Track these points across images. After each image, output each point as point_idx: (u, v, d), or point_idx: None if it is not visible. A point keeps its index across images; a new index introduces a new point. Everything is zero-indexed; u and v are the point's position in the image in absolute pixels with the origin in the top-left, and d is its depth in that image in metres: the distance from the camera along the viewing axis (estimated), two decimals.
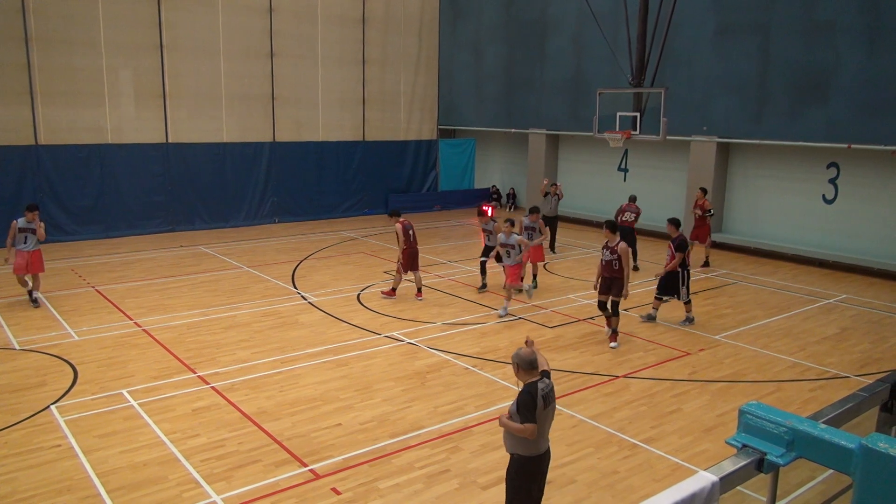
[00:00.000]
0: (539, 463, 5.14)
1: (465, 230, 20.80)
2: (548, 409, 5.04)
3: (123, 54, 17.98)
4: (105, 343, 10.16)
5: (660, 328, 11.32)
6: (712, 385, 9.01)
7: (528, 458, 5.06)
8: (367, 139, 22.93)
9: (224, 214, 20.16)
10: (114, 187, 18.21)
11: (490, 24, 24.58)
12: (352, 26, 22.04)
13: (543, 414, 4.99)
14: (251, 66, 20.12)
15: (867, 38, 14.89)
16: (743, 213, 18.31)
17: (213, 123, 19.69)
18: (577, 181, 22.58)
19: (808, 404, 8.44)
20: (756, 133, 17.10)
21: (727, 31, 17.46)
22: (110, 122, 18.07)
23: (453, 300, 12.81)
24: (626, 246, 10.30)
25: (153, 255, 16.35)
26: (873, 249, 15.69)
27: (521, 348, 5.16)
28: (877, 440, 2.19)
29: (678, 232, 11.46)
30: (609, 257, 10.30)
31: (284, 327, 11.05)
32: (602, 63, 19.85)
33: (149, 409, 7.94)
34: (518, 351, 5.12)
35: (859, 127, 15.11)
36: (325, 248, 17.55)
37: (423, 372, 9.22)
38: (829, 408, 3.01)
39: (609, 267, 10.30)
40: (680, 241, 11.26)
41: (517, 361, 5.08)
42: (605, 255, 10.37)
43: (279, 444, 7.18)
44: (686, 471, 6.78)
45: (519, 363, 5.06)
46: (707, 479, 2.34)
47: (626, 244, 10.32)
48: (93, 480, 6.43)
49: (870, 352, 10.45)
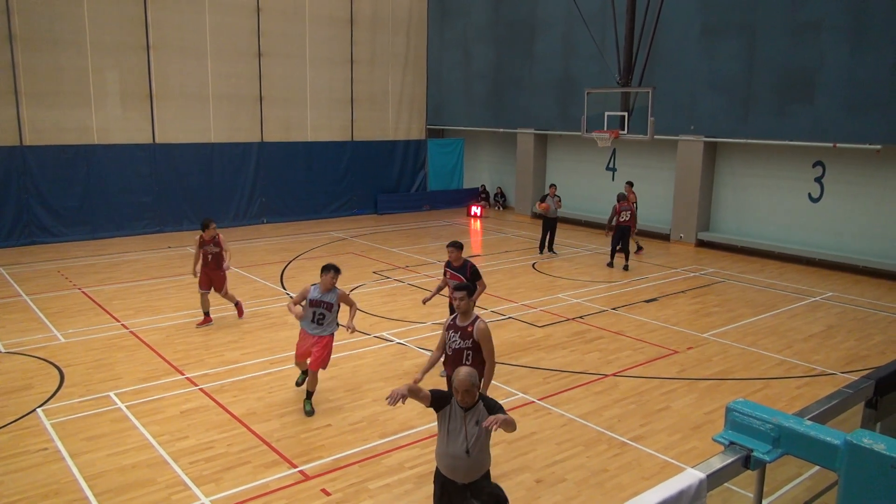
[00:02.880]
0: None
1: (454, 230, 20.81)
2: None
3: (109, 54, 17.86)
4: (92, 345, 10.09)
5: (648, 326, 11.38)
6: (700, 383, 9.07)
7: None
8: (356, 139, 22.89)
9: (212, 215, 19.81)
10: (100, 188, 18.08)
11: (478, 24, 24.60)
12: (340, 26, 22.00)
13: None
14: (239, 66, 20.04)
15: (851, 38, 15.02)
16: (730, 211, 18.43)
17: (201, 123, 19.60)
18: (565, 181, 22.63)
19: (796, 401, 8.51)
20: (742, 132, 17.22)
21: (713, 31, 17.56)
22: (96, 123, 17.94)
23: (442, 300, 12.78)
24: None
25: (140, 256, 16.25)
26: (858, 247, 15.84)
27: (461, 368, 4.88)
28: (861, 436, 2.21)
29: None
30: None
31: (273, 328, 11.01)
32: (590, 63, 19.92)
33: (137, 412, 7.89)
34: (468, 372, 4.83)
35: (844, 126, 15.25)
36: (314, 248, 17.50)
37: (413, 372, 9.21)
38: (815, 405, 3.04)
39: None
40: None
41: (478, 380, 4.87)
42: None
43: (268, 446, 7.15)
44: (675, 468, 6.82)
45: (478, 382, 4.89)
46: (694, 477, 2.35)
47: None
48: (80, 484, 6.38)
49: (855, 349, 10.54)
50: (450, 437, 4.85)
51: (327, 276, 7.75)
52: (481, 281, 8.71)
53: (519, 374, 9.24)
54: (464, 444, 4.79)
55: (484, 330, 6.35)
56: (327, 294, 7.82)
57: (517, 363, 9.63)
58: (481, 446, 4.85)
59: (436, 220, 22.44)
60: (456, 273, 8.84)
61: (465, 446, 4.78)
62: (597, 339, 10.68)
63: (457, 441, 4.81)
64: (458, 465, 4.82)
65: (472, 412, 4.83)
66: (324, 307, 7.80)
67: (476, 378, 4.83)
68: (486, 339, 6.34)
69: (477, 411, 4.83)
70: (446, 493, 4.95)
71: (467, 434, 4.80)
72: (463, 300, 6.38)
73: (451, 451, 4.83)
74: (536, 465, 6.84)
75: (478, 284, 8.53)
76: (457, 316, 6.48)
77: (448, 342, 6.43)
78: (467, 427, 4.80)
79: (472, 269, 8.80)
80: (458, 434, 4.82)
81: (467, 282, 8.19)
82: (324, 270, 7.82)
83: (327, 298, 7.81)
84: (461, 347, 6.36)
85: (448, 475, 4.89)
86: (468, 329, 6.36)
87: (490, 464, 5.03)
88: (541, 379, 9.06)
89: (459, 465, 4.82)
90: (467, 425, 4.81)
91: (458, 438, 4.81)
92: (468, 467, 4.83)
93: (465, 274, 8.73)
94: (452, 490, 4.90)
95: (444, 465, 4.91)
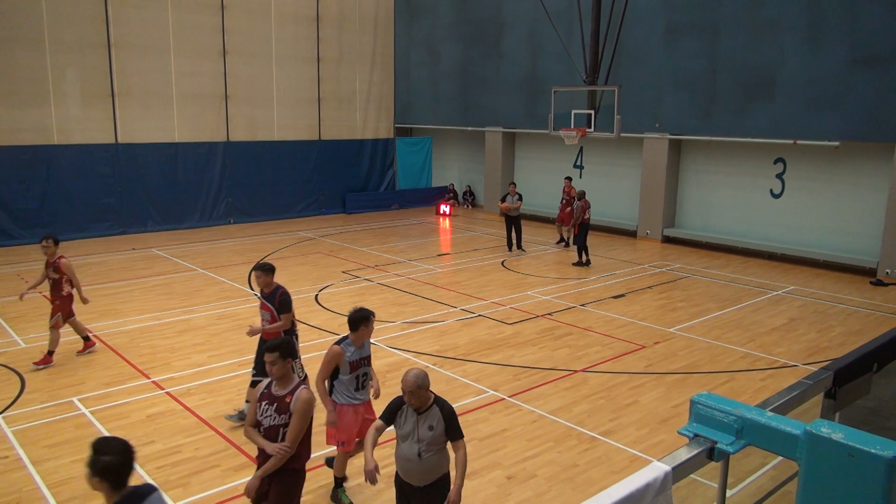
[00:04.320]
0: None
1: (423, 228, 20.80)
2: None
3: (69, 52, 17.46)
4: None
5: (616, 322, 11.51)
6: (668, 377, 9.20)
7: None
8: (324, 138, 22.74)
9: (177, 216, 19.76)
10: (60, 189, 17.68)
11: (446, 23, 24.61)
12: (306, 24, 21.82)
13: None
14: (203, 65, 19.75)
15: (809, 37, 15.37)
16: (695, 208, 18.73)
17: (165, 123, 19.28)
18: (534, 179, 22.78)
19: (760, 393, 8.68)
20: (706, 129, 17.51)
21: (677, 30, 17.82)
22: (56, 123, 17.54)
23: (412, 299, 12.80)
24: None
25: (103, 258, 15.93)
26: (818, 242, 16.22)
27: (411, 369, 4.77)
28: (820, 426, 2.26)
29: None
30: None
31: (241, 330, 10.87)
32: (557, 61, 20.07)
33: (101, 417, 7.74)
34: (415, 374, 4.71)
35: (804, 123, 15.60)
36: (282, 248, 17.34)
37: (383, 371, 9.19)
38: (776, 396, 3.11)
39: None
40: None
41: (426, 383, 4.72)
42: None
43: (238, 449, 7.07)
44: (643, 461, 6.91)
45: (427, 384, 4.74)
46: (660, 469, 2.39)
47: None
48: (43, 492, 6.24)
49: (816, 341, 10.80)
50: (403, 440, 4.81)
51: (366, 329, 5.94)
52: (287, 315, 7.27)
53: (489, 371, 9.28)
54: (416, 446, 4.73)
55: (306, 401, 4.79)
56: (366, 345, 6.11)
57: (487, 361, 9.66)
58: (436, 449, 4.78)
59: (405, 219, 22.40)
60: (266, 302, 7.37)
61: (418, 449, 4.72)
62: (566, 336, 10.77)
63: (409, 444, 4.76)
64: (412, 467, 4.77)
65: (425, 416, 4.75)
66: (366, 363, 6.11)
67: (425, 380, 4.69)
68: (300, 413, 4.76)
69: (431, 415, 4.76)
70: (404, 496, 4.94)
71: (419, 437, 4.73)
72: (275, 364, 4.80)
73: (404, 454, 4.79)
74: (507, 462, 6.88)
75: (282, 318, 7.23)
76: (272, 382, 4.94)
77: (260, 416, 4.87)
78: (419, 430, 4.73)
79: (282, 298, 7.28)
80: (410, 437, 4.77)
81: (277, 311, 7.18)
82: (360, 322, 5.90)
83: (367, 352, 6.14)
84: (276, 424, 4.81)
85: (404, 478, 4.87)
86: (286, 400, 4.82)
87: (448, 465, 4.96)
88: (511, 376, 9.11)
89: (413, 468, 4.77)
90: (419, 428, 4.73)
91: (410, 441, 4.76)
92: (422, 471, 4.77)
93: (274, 303, 7.28)
94: (410, 492, 4.88)
95: (400, 468, 4.89)
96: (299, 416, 4.77)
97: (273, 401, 4.84)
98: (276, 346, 4.84)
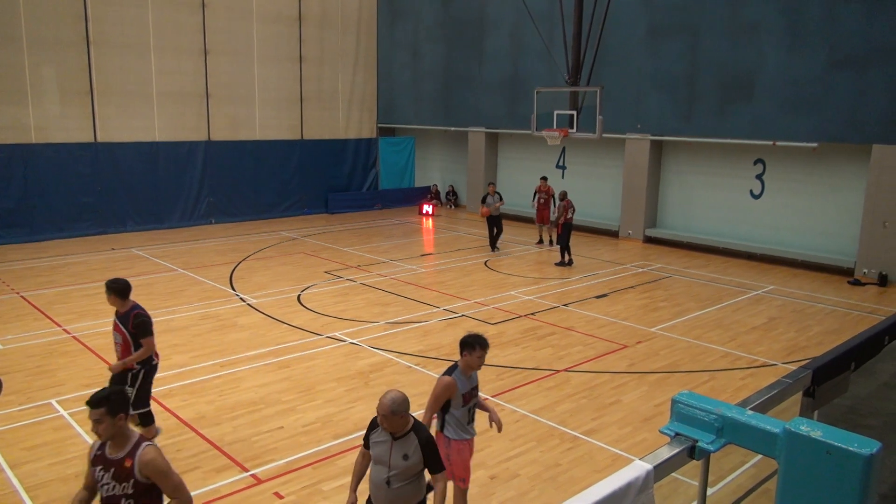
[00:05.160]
0: None
1: (406, 228, 20.77)
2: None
3: (47, 49, 17.23)
4: (32, 351, 9.74)
5: (598, 322, 11.57)
6: (650, 376, 9.27)
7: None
8: (306, 138, 22.63)
9: (157, 216, 19.57)
10: (39, 189, 17.44)
11: (428, 23, 24.60)
12: (288, 23, 21.70)
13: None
14: (183, 63, 19.58)
15: (788, 40, 15.55)
16: (676, 208, 18.88)
17: (144, 122, 19.08)
18: (516, 179, 22.83)
19: (740, 392, 8.77)
20: (687, 130, 17.66)
21: (658, 31, 17.95)
22: (34, 121, 17.29)
23: (395, 299, 12.78)
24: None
25: (82, 258, 15.74)
26: (797, 242, 16.43)
27: (391, 391, 4.38)
28: (799, 424, 2.29)
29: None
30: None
31: (223, 330, 10.81)
32: (539, 62, 20.14)
33: (80, 419, 7.64)
34: (392, 398, 4.33)
35: (783, 124, 15.79)
36: (264, 248, 17.24)
37: (366, 372, 9.18)
38: (756, 395, 3.14)
39: None
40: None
41: (402, 409, 4.30)
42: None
43: (219, 450, 7.02)
44: (625, 460, 6.95)
45: (403, 410, 4.32)
46: (641, 468, 2.40)
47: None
48: (21, 495, 6.15)
49: (795, 340, 10.93)
50: (374, 464, 4.46)
51: (475, 354, 5.35)
52: (148, 339, 6.52)
53: None
54: (385, 473, 4.36)
55: (153, 461, 3.88)
56: (474, 374, 5.54)
57: None
58: (409, 480, 4.39)
59: (388, 219, 22.36)
60: (119, 324, 6.56)
61: (387, 476, 4.34)
62: (548, 336, 10.81)
63: (379, 469, 4.40)
64: (381, 496, 4.41)
65: (401, 442, 4.35)
66: (475, 392, 5.59)
67: (401, 405, 4.26)
68: (161, 472, 3.88)
69: (406, 442, 4.36)
70: None
71: (391, 464, 4.34)
72: (101, 422, 3.84)
73: (373, 478, 4.44)
74: (490, 462, 6.90)
75: (143, 344, 6.48)
76: (105, 443, 3.95)
77: (98, 484, 3.95)
78: (391, 457, 4.34)
79: (137, 320, 6.47)
80: (381, 461, 4.40)
81: (131, 336, 6.38)
82: (469, 347, 5.35)
83: (476, 381, 5.58)
84: (117, 495, 3.86)
85: (373, 501, 4.53)
86: (125, 465, 3.86)
87: (423, 497, 4.58)
88: (494, 376, 9.13)
89: (381, 496, 4.40)
90: (392, 455, 4.34)
91: (380, 466, 4.40)
92: (388, 499, 4.38)
93: (128, 325, 6.47)
94: None
95: (371, 493, 4.53)
96: (162, 477, 3.86)
97: (109, 466, 3.87)
98: (102, 399, 3.84)
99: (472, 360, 5.32)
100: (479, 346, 5.31)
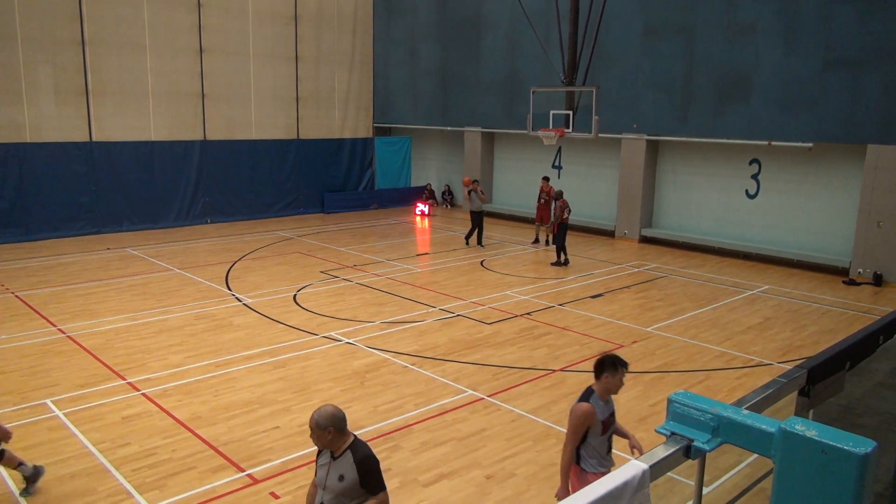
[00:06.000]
0: None
1: (402, 228, 20.77)
2: None
3: (42, 48, 17.17)
4: (26, 351, 9.70)
5: (594, 322, 11.58)
6: (645, 376, 9.28)
7: None
8: (302, 137, 22.60)
9: (153, 215, 19.52)
10: (34, 188, 17.39)
11: (425, 23, 24.60)
12: (284, 23, 21.68)
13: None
14: (179, 62, 19.54)
15: (783, 40, 15.59)
16: (672, 208, 18.91)
17: (140, 121, 19.04)
18: (512, 179, 22.85)
19: (735, 391, 8.79)
20: (683, 130, 17.69)
21: (655, 31, 17.98)
22: (29, 120, 17.24)
23: (391, 299, 12.77)
24: None
25: (77, 258, 15.70)
26: (792, 241, 16.47)
27: (326, 406, 4.14)
28: (794, 423, 2.29)
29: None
30: None
31: (219, 330, 10.79)
32: (536, 62, 20.15)
33: (75, 419, 7.62)
34: (321, 411, 4.09)
35: (778, 124, 15.83)
36: (260, 248, 17.22)
37: (362, 371, 9.17)
38: (752, 394, 3.13)
39: None
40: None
41: (327, 423, 3.99)
42: None
43: (215, 450, 7.01)
44: (621, 460, 6.95)
45: (329, 424, 4.01)
46: (637, 468, 2.40)
47: None
48: (15, 496, 6.13)
49: (790, 339, 10.96)
50: (318, 487, 4.15)
51: (618, 376, 4.92)
52: None
53: (468, 371, 9.29)
54: (321, 495, 4.07)
55: None
56: (611, 399, 5.11)
57: (466, 360, 9.68)
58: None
59: (383, 219, 22.35)
60: None
61: (321, 498, 4.06)
62: (544, 335, 10.82)
63: (320, 493, 4.10)
64: None
65: (338, 462, 4.04)
66: (613, 418, 5.15)
67: (328, 420, 3.98)
68: None
69: (342, 463, 4.04)
70: None
71: (326, 485, 4.04)
72: None
73: (316, 498, 4.14)
74: (486, 462, 6.90)
75: None
76: None
77: None
78: (328, 479, 4.04)
79: None
80: (321, 484, 4.10)
81: None
82: (607, 369, 4.92)
83: (613, 406, 5.15)
84: None
85: None
86: None
87: None
88: (490, 375, 9.13)
89: None
90: (328, 476, 4.04)
91: (320, 490, 4.10)
92: None
93: None
94: None
95: None
96: None
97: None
98: None
99: (614, 382, 4.90)
100: (622, 367, 4.88)
